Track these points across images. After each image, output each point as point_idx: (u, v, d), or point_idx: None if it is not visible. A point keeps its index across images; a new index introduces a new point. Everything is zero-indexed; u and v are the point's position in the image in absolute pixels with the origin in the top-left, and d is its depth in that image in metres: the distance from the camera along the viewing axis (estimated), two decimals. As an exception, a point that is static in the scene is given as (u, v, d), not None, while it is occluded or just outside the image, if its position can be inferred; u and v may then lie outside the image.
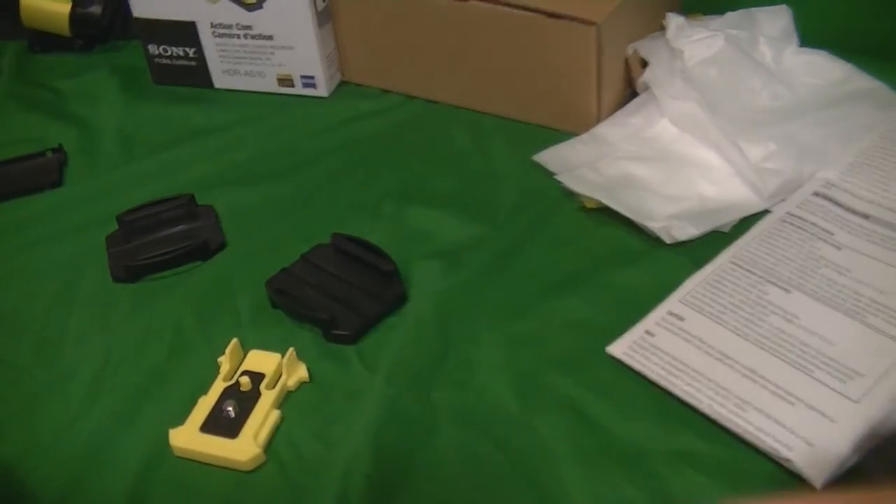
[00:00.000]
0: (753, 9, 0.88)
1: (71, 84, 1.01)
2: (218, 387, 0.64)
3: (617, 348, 0.63)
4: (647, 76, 0.86)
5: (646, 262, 0.71)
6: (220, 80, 0.98)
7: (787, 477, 0.54)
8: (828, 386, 0.57)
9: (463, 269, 0.72)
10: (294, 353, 0.65)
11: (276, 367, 0.64)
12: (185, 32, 0.95)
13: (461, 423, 0.61)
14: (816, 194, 0.73)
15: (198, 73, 0.98)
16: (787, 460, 0.54)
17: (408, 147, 0.87)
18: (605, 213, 0.75)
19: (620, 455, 0.57)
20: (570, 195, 0.77)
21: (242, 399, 0.63)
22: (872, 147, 0.76)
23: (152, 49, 0.98)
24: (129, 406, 0.65)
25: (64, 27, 1.03)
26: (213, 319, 0.70)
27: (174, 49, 0.97)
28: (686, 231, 0.71)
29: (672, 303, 0.65)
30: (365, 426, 0.60)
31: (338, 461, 0.58)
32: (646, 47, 0.86)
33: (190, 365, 0.67)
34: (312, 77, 0.95)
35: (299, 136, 0.90)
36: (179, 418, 0.62)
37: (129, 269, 0.75)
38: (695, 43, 0.85)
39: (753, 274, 0.66)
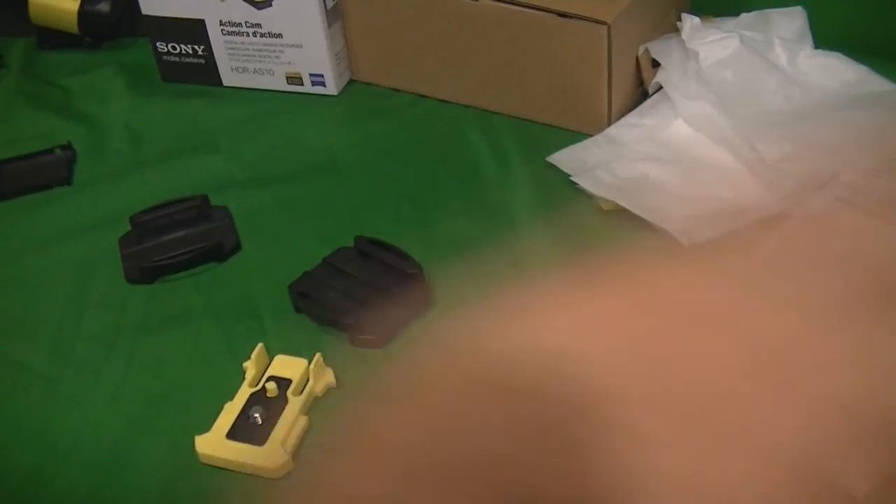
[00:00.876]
0: (768, 10, 0.88)
1: (79, 81, 1.00)
2: (244, 393, 0.63)
3: (646, 355, 0.63)
4: (660, 77, 0.85)
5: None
6: (228, 78, 0.97)
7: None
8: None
9: (485, 273, 0.72)
10: (321, 358, 0.64)
11: (303, 372, 0.64)
12: (193, 30, 0.94)
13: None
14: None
15: (206, 71, 0.97)
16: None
17: (421, 147, 0.87)
18: (621, 215, 0.74)
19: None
20: (586, 196, 0.77)
21: (269, 405, 0.62)
22: (891, 151, 0.76)
23: (161, 47, 0.97)
24: (151, 413, 0.64)
25: (72, 25, 1.02)
26: (234, 324, 0.70)
27: (183, 46, 0.96)
28: (704, 233, 0.71)
29: (700, 308, 0.65)
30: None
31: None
32: (658, 48, 0.86)
33: (212, 370, 0.67)
34: (321, 75, 0.94)
35: (310, 136, 0.90)
36: (202, 425, 0.62)
37: (144, 271, 0.74)
38: (710, 44, 0.85)
39: (779, 279, 0.66)
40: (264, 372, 0.65)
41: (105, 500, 0.59)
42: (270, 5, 0.91)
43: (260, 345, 0.65)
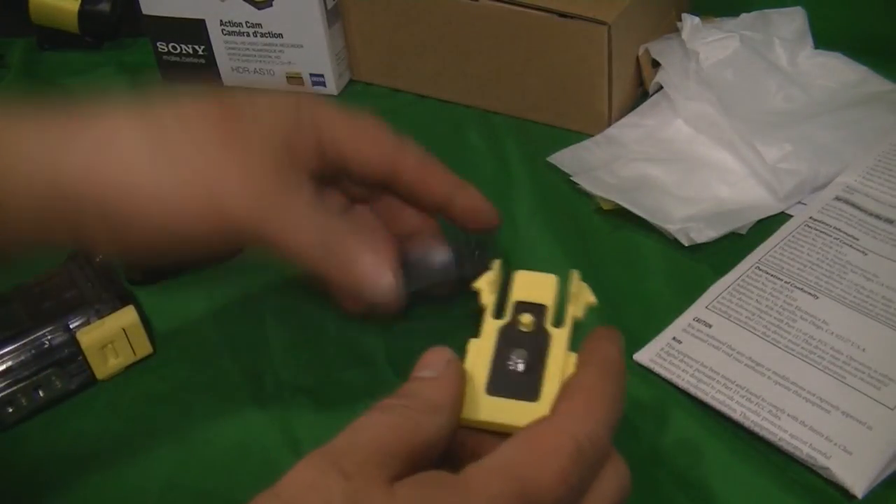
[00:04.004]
0: (768, 10, 0.88)
1: (79, 81, 1.00)
2: (490, 328, 0.48)
3: (644, 355, 0.63)
4: (660, 77, 0.86)
5: (664, 265, 0.71)
6: (228, 78, 0.97)
7: (825, 486, 0.54)
8: (862, 392, 0.57)
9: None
10: (578, 274, 0.51)
11: (556, 293, 0.50)
12: (194, 30, 0.94)
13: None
14: (838, 199, 0.73)
15: (206, 71, 0.97)
16: (825, 468, 0.54)
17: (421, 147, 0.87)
18: (621, 215, 0.74)
19: (666, 466, 0.57)
20: (586, 196, 0.77)
21: (527, 343, 0.47)
22: (891, 151, 0.76)
23: (161, 47, 0.97)
24: (151, 413, 0.64)
25: (73, 24, 1.02)
26: (235, 324, 0.70)
27: (183, 46, 0.96)
28: (704, 233, 0.71)
29: (698, 309, 0.65)
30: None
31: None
32: (658, 48, 0.86)
33: (212, 371, 0.66)
34: (322, 75, 0.94)
35: (310, 136, 0.90)
36: (202, 425, 0.62)
37: (145, 272, 0.74)
38: (710, 44, 0.85)
39: (780, 279, 0.66)
40: (505, 297, 0.51)
41: (105, 499, 0.59)
42: (271, 5, 0.91)
43: (498, 261, 0.53)
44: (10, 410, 0.63)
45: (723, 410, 0.58)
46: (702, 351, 0.62)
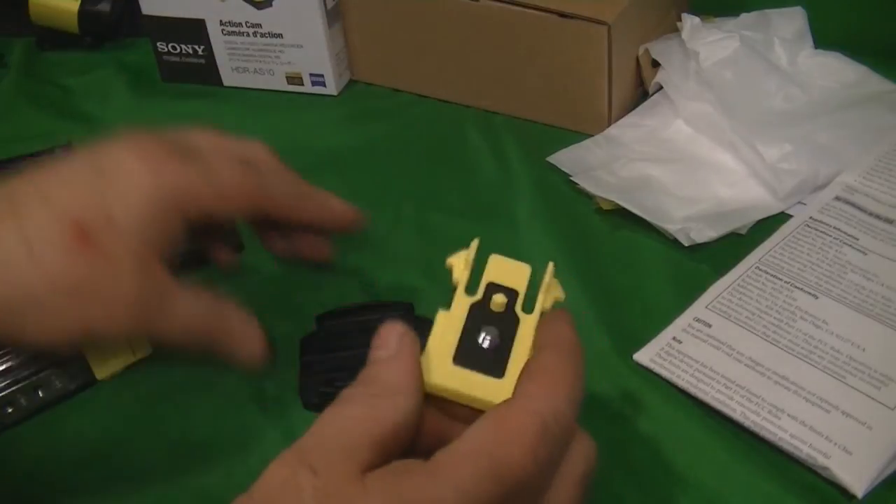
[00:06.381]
0: (768, 10, 0.88)
1: (79, 81, 1.00)
2: (462, 303, 0.48)
3: (644, 355, 0.63)
4: (660, 77, 0.86)
5: (664, 265, 0.71)
6: (228, 78, 0.97)
7: (825, 485, 0.54)
8: (862, 392, 0.57)
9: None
10: (553, 267, 0.50)
11: (528, 283, 0.50)
12: (194, 30, 0.94)
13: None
14: (838, 199, 0.73)
15: (206, 71, 0.97)
16: (825, 468, 0.54)
17: (422, 147, 0.87)
18: (621, 215, 0.75)
19: (666, 466, 0.57)
20: (586, 196, 0.77)
21: (496, 323, 0.48)
22: (891, 151, 0.76)
23: (161, 47, 0.97)
24: (150, 413, 0.64)
25: (73, 24, 1.02)
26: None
27: (183, 46, 0.96)
28: (704, 233, 0.71)
29: (698, 309, 0.65)
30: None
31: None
32: (658, 48, 0.86)
33: (212, 371, 0.66)
34: (322, 75, 0.94)
35: (310, 136, 0.90)
36: (201, 426, 0.62)
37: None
38: (710, 44, 0.85)
39: (780, 279, 0.66)
40: (479, 277, 0.50)
41: (105, 499, 0.59)
42: (270, 5, 0.91)
43: (476, 240, 0.50)
44: (10, 410, 0.63)
45: (722, 410, 0.58)
46: (702, 351, 0.62)
